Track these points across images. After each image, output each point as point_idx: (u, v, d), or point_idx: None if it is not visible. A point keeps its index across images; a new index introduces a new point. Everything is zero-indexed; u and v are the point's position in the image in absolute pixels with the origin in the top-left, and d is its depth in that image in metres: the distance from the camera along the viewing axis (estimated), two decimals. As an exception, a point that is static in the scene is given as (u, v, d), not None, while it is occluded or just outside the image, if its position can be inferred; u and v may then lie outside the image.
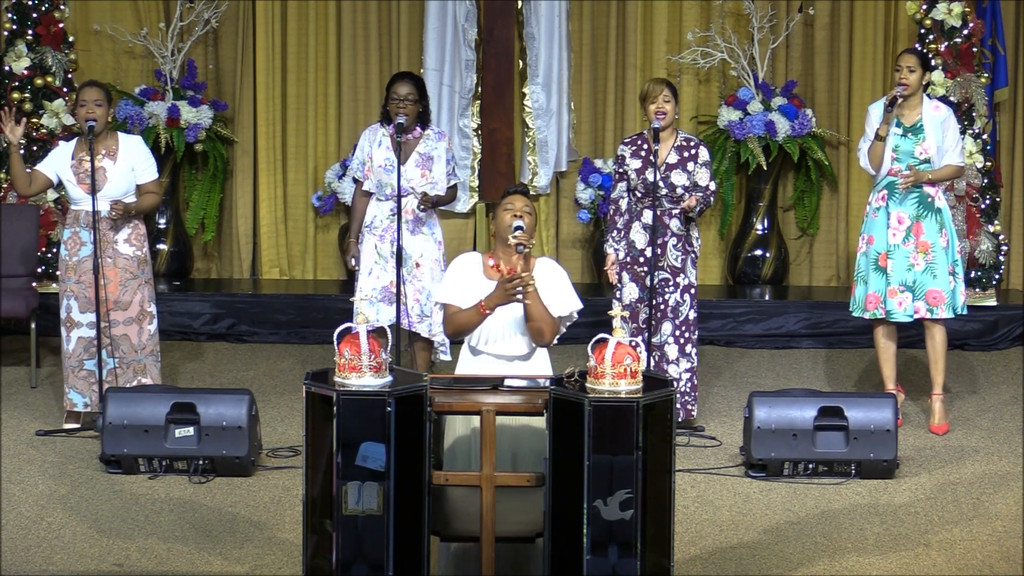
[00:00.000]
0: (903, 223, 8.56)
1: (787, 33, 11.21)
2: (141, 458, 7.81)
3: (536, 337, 6.35)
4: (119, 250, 8.44)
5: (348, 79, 11.40)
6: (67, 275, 8.43)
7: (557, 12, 11.15)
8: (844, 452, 7.81)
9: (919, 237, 8.55)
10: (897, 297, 8.56)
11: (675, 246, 8.49)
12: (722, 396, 9.35)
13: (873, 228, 8.65)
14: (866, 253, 8.68)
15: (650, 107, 8.42)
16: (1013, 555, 6.89)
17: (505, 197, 6.60)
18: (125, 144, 8.49)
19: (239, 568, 6.69)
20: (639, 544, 5.61)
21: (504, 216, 6.49)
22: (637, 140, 8.58)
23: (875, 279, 8.63)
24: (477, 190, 11.23)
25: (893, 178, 8.57)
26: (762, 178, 11.12)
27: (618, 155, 8.60)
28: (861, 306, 8.69)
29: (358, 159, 8.73)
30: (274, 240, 11.42)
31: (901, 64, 8.53)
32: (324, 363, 8.30)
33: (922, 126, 8.55)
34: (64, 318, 8.44)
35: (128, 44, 11.25)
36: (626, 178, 8.54)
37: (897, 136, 8.54)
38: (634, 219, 8.52)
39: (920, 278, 8.55)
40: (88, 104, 8.37)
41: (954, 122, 8.63)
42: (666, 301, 8.48)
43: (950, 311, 8.58)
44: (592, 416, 5.59)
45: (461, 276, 6.55)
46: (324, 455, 5.74)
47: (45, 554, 6.80)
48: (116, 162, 8.42)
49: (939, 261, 8.55)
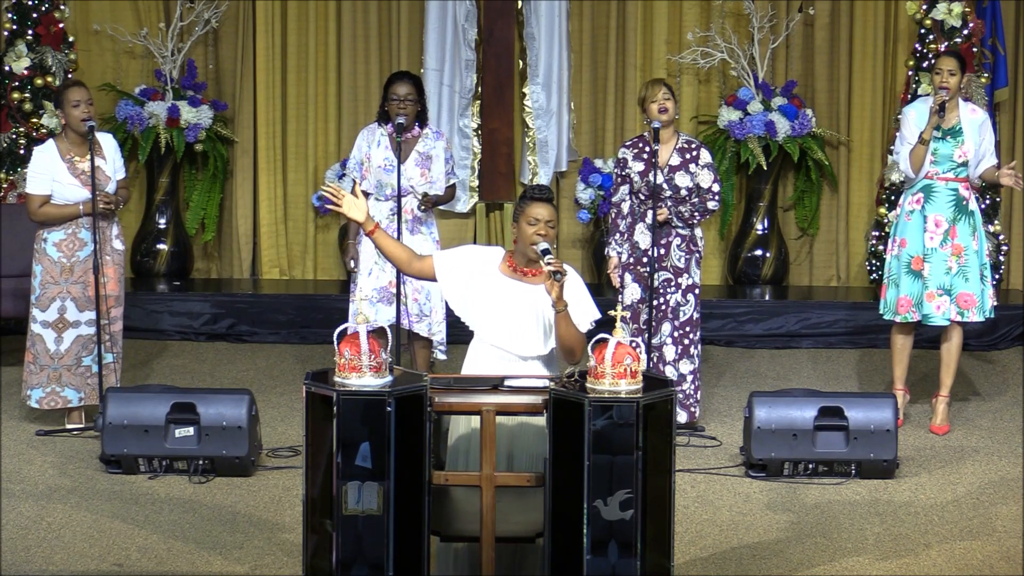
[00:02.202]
0: (940, 226, 8.50)
1: (787, 33, 11.22)
2: (141, 458, 7.81)
3: (568, 357, 6.21)
4: (114, 247, 8.47)
5: (348, 79, 11.40)
6: (62, 276, 8.40)
7: (557, 12, 11.15)
8: (844, 452, 7.81)
9: (954, 240, 8.51)
10: (935, 301, 8.50)
11: (679, 246, 8.49)
12: (722, 396, 9.35)
13: (906, 231, 8.58)
14: (898, 256, 8.61)
15: (651, 106, 8.42)
16: (1013, 555, 6.89)
17: (527, 202, 6.26)
18: (104, 142, 8.50)
19: (239, 568, 6.69)
20: (639, 544, 5.61)
21: (527, 231, 6.20)
22: (638, 143, 8.58)
23: (908, 282, 8.57)
24: (477, 190, 11.24)
25: (930, 181, 8.51)
26: (762, 178, 11.12)
27: (619, 158, 8.59)
28: (892, 309, 8.62)
29: (355, 159, 8.73)
30: (274, 240, 11.43)
31: (941, 68, 8.44)
32: (324, 363, 8.31)
33: (961, 129, 8.51)
34: (54, 320, 8.41)
35: (128, 44, 11.26)
36: (628, 181, 8.53)
37: (935, 139, 8.50)
38: (638, 220, 8.52)
39: (954, 281, 8.52)
40: (82, 104, 8.34)
41: (990, 124, 8.63)
42: (667, 301, 8.47)
43: (980, 314, 8.56)
44: (592, 416, 5.59)
45: (472, 260, 6.34)
46: (324, 455, 5.74)
47: (45, 554, 6.80)
48: (107, 160, 8.43)
49: (971, 264, 8.53)
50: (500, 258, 6.30)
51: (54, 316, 8.41)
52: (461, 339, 10.24)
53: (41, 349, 8.44)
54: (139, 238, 11.21)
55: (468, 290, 6.27)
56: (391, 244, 6.35)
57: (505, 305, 6.22)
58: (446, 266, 6.29)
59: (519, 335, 6.22)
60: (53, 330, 8.41)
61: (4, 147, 10.49)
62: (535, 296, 6.19)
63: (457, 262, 6.31)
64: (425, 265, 6.32)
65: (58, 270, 8.42)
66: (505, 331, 6.23)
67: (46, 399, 8.46)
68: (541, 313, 6.18)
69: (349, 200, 6.29)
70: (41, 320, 8.42)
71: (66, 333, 8.41)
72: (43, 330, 8.42)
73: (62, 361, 8.42)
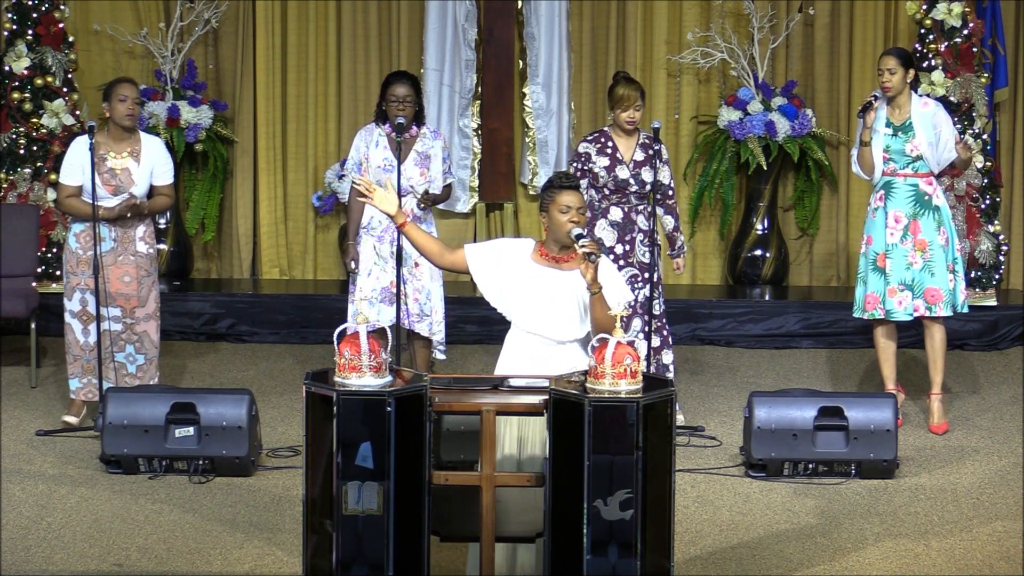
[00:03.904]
0: (900, 222, 8.57)
1: (787, 33, 11.21)
2: (141, 458, 7.81)
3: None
4: (137, 248, 8.46)
5: (348, 79, 11.40)
6: (79, 268, 8.43)
7: (557, 12, 11.15)
8: (844, 452, 7.81)
9: (916, 235, 8.56)
10: (896, 296, 8.57)
11: (642, 242, 8.51)
12: (722, 396, 9.35)
13: (872, 229, 8.66)
14: (865, 254, 8.69)
15: (620, 114, 8.42)
16: (1013, 555, 6.90)
17: (555, 191, 6.26)
18: (147, 145, 8.49)
19: (239, 568, 6.69)
20: (639, 544, 5.61)
21: (559, 219, 6.21)
22: (600, 137, 8.57)
23: (873, 279, 8.64)
24: (477, 190, 11.24)
25: (890, 178, 8.58)
26: (762, 178, 11.12)
27: (581, 152, 8.56)
28: (861, 307, 8.70)
29: (353, 160, 8.73)
30: (274, 240, 11.43)
31: (881, 67, 8.53)
32: (324, 363, 8.31)
33: (911, 124, 8.56)
34: (79, 311, 8.43)
35: (128, 44, 11.25)
36: (588, 175, 8.51)
37: (888, 136, 8.55)
38: (599, 216, 8.52)
39: (918, 276, 8.56)
40: (129, 100, 8.35)
41: (944, 114, 8.63)
42: (636, 298, 8.49)
43: (949, 309, 8.58)
44: (592, 416, 5.59)
45: (504, 251, 6.36)
46: (324, 455, 5.74)
47: (45, 554, 6.80)
48: (140, 164, 8.42)
49: (937, 259, 8.56)
50: (532, 248, 6.35)
51: (78, 307, 8.43)
52: (461, 339, 10.29)
53: (72, 339, 8.48)
54: (139, 238, 11.23)
55: (503, 281, 6.31)
56: (423, 237, 6.41)
57: (541, 292, 6.26)
58: (479, 258, 6.34)
59: (557, 320, 6.25)
60: (79, 321, 8.43)
61: (4, 147, 10.49)
62: (570, 281, 6.23)
63: (490, 254, 6.36)
64: (457, 258, 6.37)
65: (75, 261, 8.44)
66: (543, 318, 6.26)
67: (83, 390, 8.49)
68: (577, 297, 6.23)
69: (380, 193, 6.36)
70: (69, 309, 8.46)
71: (91, 325, 8.42)
72: (71, 320, 8.46)
73: (92, 353, 8.42)
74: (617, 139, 8.52)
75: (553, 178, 6.34)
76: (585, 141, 8.60)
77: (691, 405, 9.10)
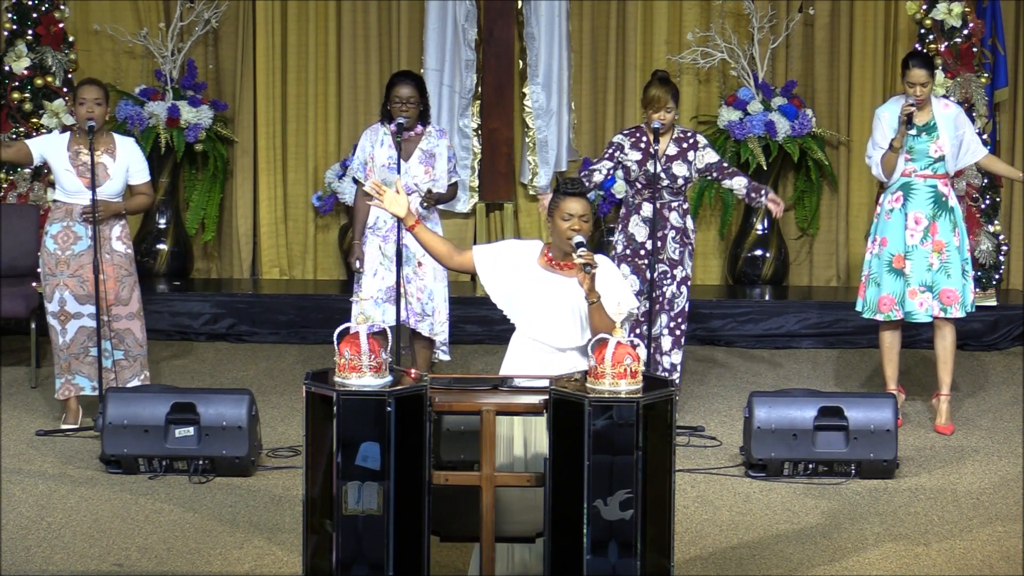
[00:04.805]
0: (920, 223, 8.54)
1: (787, 33, 11.22)
2: (141, 458, 7.81)
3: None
4: (114, 247, 8.48)
5: (348, 79, 11.40)
6: (58, 268, 8.44)
7: (557, 12, 11.15)
8: (844, 452, 7.81)
9: (935, 236, 8.54)
10: (918, 298, 8.53)
11: (674, 239, 8.52)
12: (722, 396, 9.35)
13: (887, 230, 8.61)
14: (878, 255, 8.63)
15: (652, 115, 8.45)
16: (1013, 555, 6.89)
17: (561, 197, 6.23)
18: (121, 144, 8.56)
19: (239, 568, 6.69)
20: (639, 544, 5.61)
21: (561, 226, 6.18)
22: (636, 132, 8.60)
23: (889, 281, 8.59)
24: (477, 190, 11.24)
25: (909, 179, 8.55)
26: (762, 178, 11.10)
27: (615, 142, 8.59)
28: (874, 308, 8.64)
29: (359, 159, 8.73)
30: (274, 240, 11.43)
31: (914, 81, 8.44)
32: (324, 363, 8.30)
33: (935, 125, 8.55)
34: (57, 311, 8.44)
35: (128, 44, 11.25)
36: (621, 166, 8.51)
37: (911, 136, 8.53)
38: (632, 212, 8.55)
39: (936, 277, 8.54)
40: (88, 103, 8.41)
41: (965, 116, 8.67)
42: (663, 293, 8.50)
43: (963, 310, 8.58)
44: (592, 416, 5.59)
45: (512, 254, 6.36)
46: (324, 455, 5.74)
47: (45, 554, 6.80)
48: (116, 160, 8.47)
49: (953, 260, 8.55)
50: (538, 252, 6.33)
51: (56, 308, 8.44)
52: (462, 340, 10.29)
53: (54, 339, 8.49)
54: (139, 238, 11.20)
55: (510, 284, 6.31)
56: (432, 238, 6.42)
57: (543, 298, 6.26)
58: (486, 260, 6.34)
59: (557, 328, 6.24)
60: (58, 321, 8.44)
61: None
62: (571, 289, 6.22)
63: (498, 257, 6.36)
64: (466, 259, 6.38)
65: (53, 262, 8.45)
66: (543, 324, 6.25)
67: (62, 389, 8.49)
68: (577, 306, 6.21)
69: (390, 195, 6.37)
70: (49, 311, 8.47)
71: (69, 324, 8.43)
72: (52, 321, 8.48)
73: (70, 350, 8.44)
74: (652, 135, 8.54)
75: (560, 184, 6.32)
76: (622, 133, 8.64)
77: (691, 405, 9.10)
